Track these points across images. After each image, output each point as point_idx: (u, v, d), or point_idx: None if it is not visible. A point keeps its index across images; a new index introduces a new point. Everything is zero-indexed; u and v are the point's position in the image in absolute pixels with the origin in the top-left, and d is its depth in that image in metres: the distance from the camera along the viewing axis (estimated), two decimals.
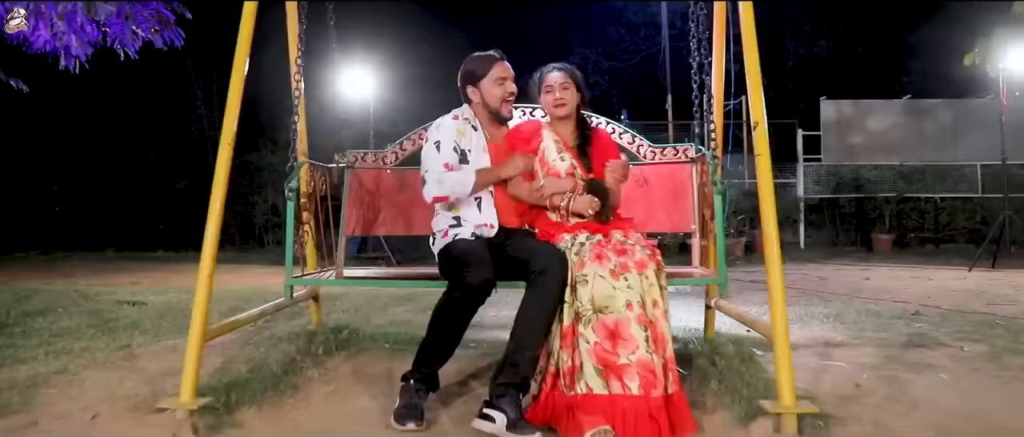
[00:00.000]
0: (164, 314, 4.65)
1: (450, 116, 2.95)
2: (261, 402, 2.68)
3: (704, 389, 2.80)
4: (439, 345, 2.63)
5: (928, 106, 10.47)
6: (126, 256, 9.65)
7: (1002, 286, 6.06)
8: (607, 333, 2.38)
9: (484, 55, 2.95)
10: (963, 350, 3.52)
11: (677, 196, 3.45)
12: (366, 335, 3.72)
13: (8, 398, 2.78)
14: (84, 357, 3.45)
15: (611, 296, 2.40)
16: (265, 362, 3.16)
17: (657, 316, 2.44)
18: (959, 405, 2.65)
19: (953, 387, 2.89)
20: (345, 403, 2.77)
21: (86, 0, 4.37)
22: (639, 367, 2.31)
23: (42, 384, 2.98)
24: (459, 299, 2.53)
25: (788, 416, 2.22)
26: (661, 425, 2.25)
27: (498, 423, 2.34)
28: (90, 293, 5.54)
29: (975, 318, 4.42)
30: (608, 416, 2.26)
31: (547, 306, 2.50)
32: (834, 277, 7.22)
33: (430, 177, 2.82)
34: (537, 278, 2.53)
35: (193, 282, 2.72)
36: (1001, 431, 2.41)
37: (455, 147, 2.86)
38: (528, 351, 2.48)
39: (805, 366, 3.18)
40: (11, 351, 3.57)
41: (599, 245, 2.57)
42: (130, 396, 2.83)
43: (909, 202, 10.76)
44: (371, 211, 3.68)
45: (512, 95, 2.95)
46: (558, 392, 2.45)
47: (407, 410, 2.50)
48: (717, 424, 2.45)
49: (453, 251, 2.76)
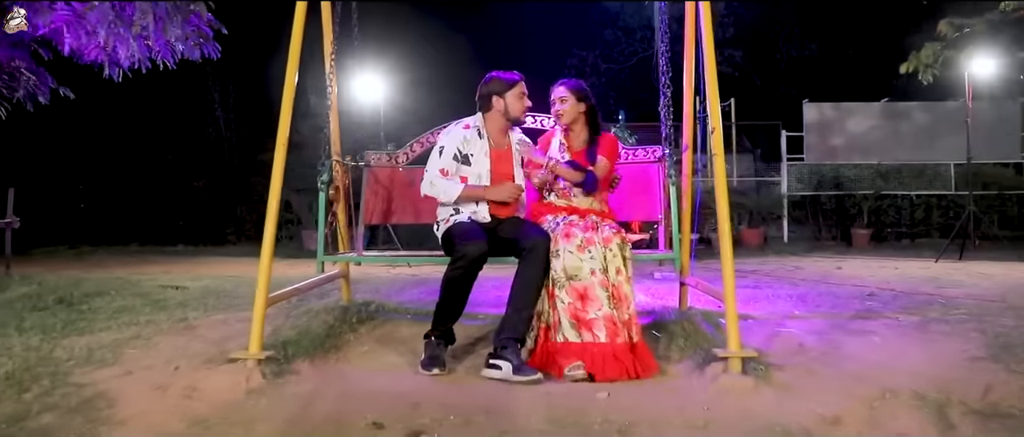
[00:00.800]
0: (205, 295, 5.24)
1: (462, 124, 3.57)
2: (312, 356, 3.29)
3: (673, 345, 3.43)
4: (450, 306, 3.25)
5: (904, 109, 11.11)
6: (150, 250, 10.26)
7: (958, 274, 6.65)
8: (577, 295, 3.08)
9: (509, 74, 3.57)
10: (899, 320, 4.13)
11: (646, 190, 4.09)
12: (390, 308, 4.32)
13: (102, 355, 3.37)
14: (150, 327, 4.03)
15: (578, 266, 3.11)
16: (309, 328, 3.76)
17: (621, 281, 3.12)
18: (882, 358, 3.25)
19: (881, 347, 3.50)
20: (379, 358, 3.39)
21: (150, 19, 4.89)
22: (604, 320, 3.02)
23: (124, 345, 3.57)
24: (462, 267, 3.14)
25: (734, 359, 2.83)
26: (625, 364, 2.94)
27: (504, 370, 2.95)
28: (132, 280, 6.11)
29: (920, 298, 5.03)
30: (581, 358, 2.96)
31: (537, 275, 3.15)
32: (809, 267, 7.82)
33: (426, 177, 3.48)
34: (527, 254, 3.18)
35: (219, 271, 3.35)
36: (912, 375, 3.01)
37: (457, 153, 3.48)
38: (524, 311, 3.11)
39: (762, 332, 3.78)
40: (86, 323, 4.14)
41: (570, 225, 3.26)
42: (200, 354, 3.42)
43: (886, 199, 11.44)
44: (385, 203, 4.30)
45: (529, 107, 3.60)
46: (550, 343, 3.11)
47: (431, 360, 3.13)
48: (680, 368, 3.08)
49: (454, 231, 3.38)
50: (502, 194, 3.41)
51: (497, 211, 3.50)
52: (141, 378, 3.06)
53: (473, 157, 3.50)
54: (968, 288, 5.54)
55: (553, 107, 3.64)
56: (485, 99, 3.57)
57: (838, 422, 2.52)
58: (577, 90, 3.62)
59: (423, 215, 4.08)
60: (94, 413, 2.66)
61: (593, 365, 2.94)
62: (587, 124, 3.65)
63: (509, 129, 3.64)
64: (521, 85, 3.55)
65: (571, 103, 3.59)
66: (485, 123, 3.58)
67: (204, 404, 2.73)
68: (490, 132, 3.57)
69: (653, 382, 2.95)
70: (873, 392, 2.76)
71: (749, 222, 11.68)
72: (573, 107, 3.60)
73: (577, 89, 3.63)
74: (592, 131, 3.65)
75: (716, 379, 2.81)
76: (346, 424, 2.41)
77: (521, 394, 2.75)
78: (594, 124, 3.66)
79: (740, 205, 11.78)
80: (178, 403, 2.76)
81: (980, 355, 3.21)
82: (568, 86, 3.62)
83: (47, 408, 2.70)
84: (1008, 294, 4.97)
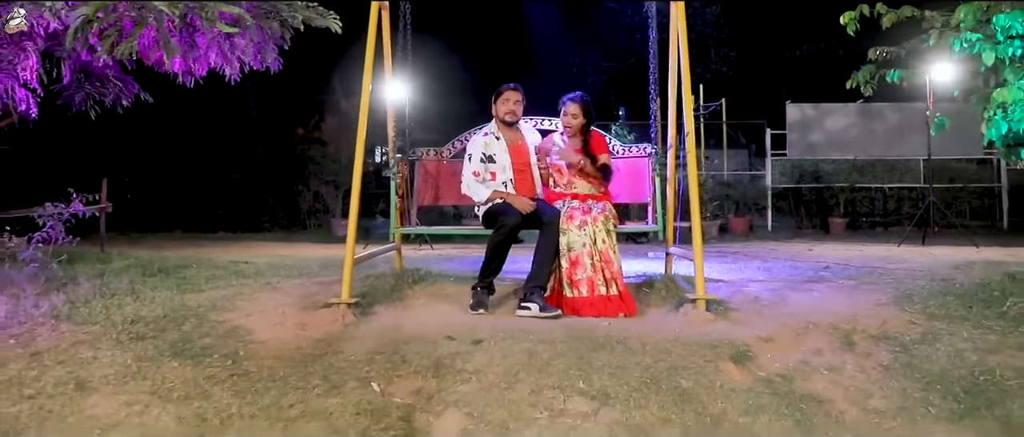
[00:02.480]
0: (273, 268, 6.25)
1: (482, 133, 4.76)
2: (384, 304, 4.37)
3: (656, 297, 4.52)
4: (493, 264, 4.35)
5: (878, 109, 12.17)
6: (194, 236, 11.33)
7: (910, 255, 7.69)
8: (570, 262, 4.24)
9: (503, 86, 4.74)
10: (839, 284, 5.20)
11: (638, 179, 5.16)
12: (436, 274, 5.39)
13: (222, 304, 4.41)
14: (246, 288, 5.06)
15: (576, 240, 4.26)
16: (376, 286, 4.82)
17: (606, 247, 4.26)
18: (813, 305, 4.32)
19: (817, 299, 4.57)
20: (435, 306, 4.46)
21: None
22: (586, 281, 4.19)
23: (233, 299, 4.58)
24: (503, 233, 4.26)
25: (700, 301, 3.90)
26: (599, 307, 4.10)
27: (533, 309, 4.04)
28: (204, 257, 7.13)
29: (866, 270, 6.09)
30: (567, 307, 4.15)
31: (553, 240, 4.26)
32: (784, 249, 8.89)
33: (464, 180, 4.68)
34: (546, 226, 4.30)
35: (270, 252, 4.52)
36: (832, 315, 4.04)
37: (483, 156, 4.64)
38: (545, 267, 4.22)
39: (728, 290, 4.85)
40: (191, 285, 5.14)
41: (573, 209, 4.38)
42: (294, 304, 4.45)
43: (861, 191, 12.56)
44: (435, 188, 5.38)
45: (510, 113, 4.72)
46: (555, 295, 4.26)
47: (478, 303, 4.22)
48: (658, 311, 4.19)
49: (495, 210, 4.47)
50: (518, 204, 4.41)
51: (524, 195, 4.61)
52: (260, 318, 4.11)
53: (496, 156, 4.64)
54: (910, 263, 6.59)
55: (564, 118, 4.69)
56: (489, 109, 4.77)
57: (770, 340, 3.60)
58: (585, 106, 4.66)
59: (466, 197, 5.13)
60: (241, 336, 3.73)
61: (573, 310, 4.14)
62: (582, 129, 4.70)
63: (513, 126, 4.75)
64: (506, 94, 4.71)
65: (581, 118, 4.66)
66: (496, 127, 4.71)
67: (317, 332, 3.80)
68: (503, 132, 4.72)
69: (640, 318, 4.05)
70: (800, 324, 3.84)
71: (736, 211, 12.76)
72: (581, 120, 4.67)
73: (584, 107, 4.66)
74: (586, 132, 4.71)
75: (686, 314, 3.89)
76: (428, 338, 3.50)
77: (546, 323, 3.84)
78: (587, 128, 4.72)
79: (728, 196, 12.90)
80: (296, 332, 3.83)
81: (885, 301, 4.29)
82: (578, 104, 4.65)
83: (204, 335, 3.76)
84: (936, 267, 6.03)
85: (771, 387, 3.11)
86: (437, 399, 2.91)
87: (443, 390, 2.97)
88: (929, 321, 3.82)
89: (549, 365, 3.12)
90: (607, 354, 3.23)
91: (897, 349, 3.52)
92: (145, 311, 4.12)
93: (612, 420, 2.74)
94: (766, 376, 3.22)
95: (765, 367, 3.33)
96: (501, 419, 2.75)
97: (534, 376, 3.03)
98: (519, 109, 4.72)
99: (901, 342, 3.58)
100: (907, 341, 3.58)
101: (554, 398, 2.87)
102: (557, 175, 4.70)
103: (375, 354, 3.31)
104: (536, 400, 2.86)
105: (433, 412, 2.82)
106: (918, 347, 3.51)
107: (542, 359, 3.17)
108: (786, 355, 3.48)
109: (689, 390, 2.98)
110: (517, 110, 4.71)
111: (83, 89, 6.83)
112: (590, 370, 3.07)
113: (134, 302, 4.32)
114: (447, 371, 3.12)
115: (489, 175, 4.61)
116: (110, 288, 4.65)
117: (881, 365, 3.38)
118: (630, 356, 3.23)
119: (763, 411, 2.88)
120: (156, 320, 3.95)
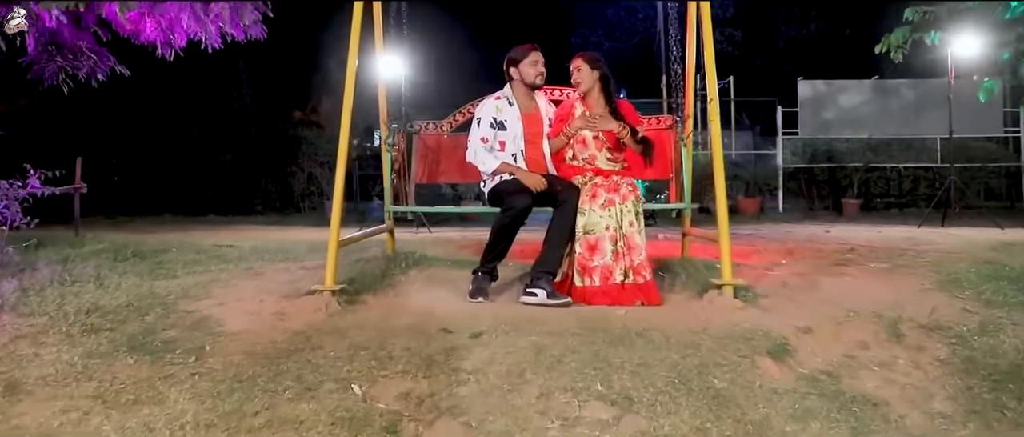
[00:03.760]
0: (258, 252, 5.82)
1: (493, 96, 4.18)
2: (374, 291, 3.94)
3: (676, 282, 4.08)
4: (497, 248, 3.88)
5: (893, 86, 11.71)
6: (183, 219, 10.89)
7: (934, 236, 7.26)
8: (587, 247, 3.74)
9: (522, 47, 4.13)
10: (871, 267, 4.77)
11: (661, 153, 4.69)
12: (431, 256, 4.96)
13: (195, 291, 4.00)
14: (224, 273, 4.64)
15: (596, 222, 3.73)
16: (365, 271, 4.39)
17: (633, 232, 3.74)
18: (849, 291, 3.89)
19: (851, 284, 4.14)
20: (428, 293, 4.01)
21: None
22: (602, 268, 3.69)
23: (209, 285, 4.17)
24: (511, 215, 3.77)
25: (727, 286, 3.47)
26: (612, 297, 3.62)
27: (539, 295, 3.59)
28: (186, 241, 6.71)
29: (894, 252, 5.66)
30: (577, 297, 3.68)
31: (568, 220, 3.77)
32: (800, 231, 8.45)
33: (470, 146, 4.08)
34: (562, 204, 3.81)
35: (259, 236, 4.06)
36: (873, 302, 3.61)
37: (493, 122, 4.07)
38: (557, 250, 3.76)
39: (752, 274, 4.41)
40: (166, 271, 4.72)
41: (596, 186, 3.85)
42: (275, 291, 4.02)
43: (876, 171, 12.08)
44: (434, 165, 4.93)
45: (542, 74, 4.12)
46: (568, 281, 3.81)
47: (478, 290, 3.77)
48: (683, 297, 3.74)
49: (503, 188, 3.96)
50: (528, 180, 3.85)
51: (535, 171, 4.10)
52: (235, 307, 3.69)
53: (507, 122, 4.08)
54: (939, 245, 6.16)
55: (571, 77, 4.19)
56: (507, 71, 4.16)
57: (809, 331, 3.18)
58: (590, 59, 4.12)
59: (469, 175, 4.65)
60: (210, 328, 3.31)
61: (583, 299, 3.67)
62: (603, 91, 4.12)
63: (532, 94, 4.22)
64: (533, 54, 4.08)
65: (586, 71, 4.09)
66: (512, 92, 4.18)
67: (296, 323, 3.37)
68: (518, 99, 4.15)
69: (660, 306, 3.60)
70: (839, 312, 3.41)
71: (746, 192, 12.31)
72: (588, 75, 4.09)
73: (590, 58, 4.12)
74: (608, 99, 4.12)
75: (712, 301, 3.46)
76: (422, 330, 3.07)
77: (555, 312, 3.40)
78: (608, 88, 4.14)
79: (738, 176, 12.42)
80: (274, 323, 3.41)
81: (929, 286, 3.86)
82: (583, 57, 4.14)
83: (169, 327, 3.34)
84: (970, 247, 5.60)
85: (817, 387, 2.68)
86: (428, 404, 2.47)
87: (436, 393, 2.54)
88: (986, 309, 3.40)
89: (560, 363, 2.69)
90: (627, 349, 2.79)
91: (954, 341, 3.10)
92: (106, 300, 3.69)
93: (637, 430, 2.31)
94: (809, 373, 2.80)
95: (806, 363, 2.91)
96: (504, 429, 2.32)
97: (543, 376, 2.60)
98: (545, 71, 4.15)
99: (957, 333, 3.16)
100: (964, 332, 3.16)
101: (567, 403, 2.43)
102: (579, 146, 4.13)
103: (359, 350, 2.88)
104: (545, 406, 2.43)
105: (423, 420, 2.39)
106: (978, 339, 3.09)
107: (552, 355, 2.73)
108: (828, 348, 3.06)
109: (724, 392, 2.55)
110: (545, 71, 4.14)
111: (54, 62, 6.43)
112: (608, 369, 2.64)
113: (96, 290, 3.90)
114: (441, 370, 2.69)
115: (498, 144, 4.05)
116: (72, 274, 4.22)
117: (938, 360, 2.97)
118: (653, 351, 2.80)
119: (812, 417, 2.46)
120: (116, 310, 3.53)
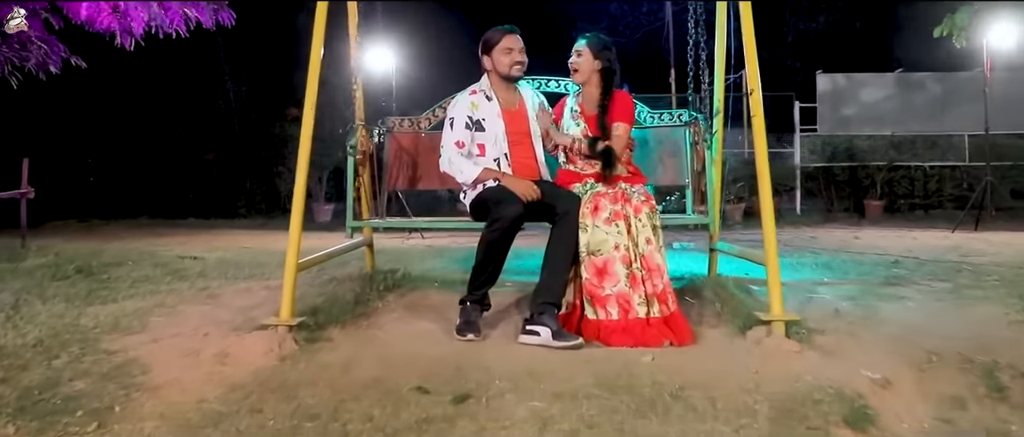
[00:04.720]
0: (223, 266, 5.18)
1: (468, 91, 3.47)
2: (343, 323, 3.24)
3: (709, 311, 3.37)
4: (486, 271, 3.17)
5: (918, 79, 10.99)
6: (161, 223, 10.22)
7: (978, 243, 6.60)
8: (595, 271, 3.02)
9: (496, 29, 3.41)
10: (931, 286, 4.08)
11: (673, 154, 4.01)
12: (415, 276, 4.28)
13: (128, 323, 3.32)
14: (173, 296, 3.98)
15: (603, 241, 3.02)
16: (337, 295, 3.70)
17: (651, 251, 3.04)
18: (919, 322, 3.21)
19: (916, 311, 3.45)
20: (410, 325, 3.33)
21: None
22: (617, 297, 2.97)
23: (149, 313, 3.51)
24: (499, 230, 3.05)
25: (777, 323, 2.77)
26: (636, 337, 2.89)
27: (543, 335, 2.88)
28: (148, 251, 6.07)
29: (947, 265, 4.98)
30: (589, 332, 2.96)
31: (571, 239, 3.07)
32: (825, 237, 7.78)
33: (444, 154, 3.37)
34: (561, 219, 3.10)
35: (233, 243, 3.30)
36: (954, 339, 2.96)
37: (469, 122, 3.36)
38: (560, 275, 3.05)
39: (795, 298, 3.72)
40: (108, 292, 4.09)
41: (598, 196, 3.14)
42: (227, 321, 3.35)
43: (900, 170, 11.33)
44: (410, 169, 4.21)
45: (519, 63, 3.39)
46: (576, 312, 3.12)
47: (467, 325, 3.07)
48: (721, 334, 3.02)
49: (487, 196, 3.23)
50: (518, 188, 3.15)
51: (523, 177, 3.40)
52: (171, 345, 3.01)
53: (486, 121, 3.37)
54: (992, 256, 5.50)
55: (569, 60, 3.48)
56: (481, 63, 3.48)
57: (888, 385, 2.48)
58: (595, 46, 3.41)
59: (448, 180, 3.99)
60: (127, 379, 2.61)
61: (598, 337, 2.95)
62: (601, 83, 3.42)
63: (514, 86, 3.53)
64: (507, 39, 3.37)
65: (587, 59, 3.40)
66: (490, 85, 3.48)
67: (239, 370, 2.69)
68: (497, 92, 3.45)
69: (694, 349, 2.90)
70: (918, 355, 2.71)
71: None
72: (588, 63, 3.40)
73: (595, 44, 3.41)
74: (605, 91, 3.41)
75: (760, 343, 2.76)
76: (390, 389, 2.36)
77: (563, 358, 2.70)
78: (608, 84, 3.42)
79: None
80: (212, 369, 2.72)
81: (1019, 318, 3.16)
82: (587, 41, 3.43)
83: (79, 375, 2.65)
84: None
85: None
86: None
87: None
88: None
89: None
90: (661, 421, 2.09)
91: None
92: (10, 337, 3.01)
93: None
94: None
95: (892, 430, 2.22)
96: None
97: None
98: (525, 59, 3.46)
99: None
100: None
101: None
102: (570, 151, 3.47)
103: (305, 420, 2.18)
104: None
105: None
106: None
107: (561, 433, 2.03)
108: (914, 409, 2.36)
109: None
110: (524, 60, 3.44)
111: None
112: None
113: (3, 323, 3.21)
114: None
115: (476, 148, 3.36)
116: None
117: None
118: (696, 422, 2.10)
119: None
120: (18, 351, 2.85)
